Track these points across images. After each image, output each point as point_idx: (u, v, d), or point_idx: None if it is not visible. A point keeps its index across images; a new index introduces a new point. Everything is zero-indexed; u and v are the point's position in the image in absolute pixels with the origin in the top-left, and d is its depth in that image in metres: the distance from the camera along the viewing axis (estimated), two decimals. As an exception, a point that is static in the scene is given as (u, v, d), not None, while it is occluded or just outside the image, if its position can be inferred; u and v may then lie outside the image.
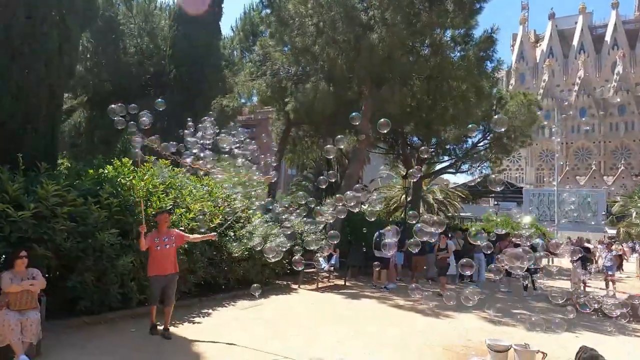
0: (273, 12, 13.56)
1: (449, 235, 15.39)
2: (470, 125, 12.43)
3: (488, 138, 23.42)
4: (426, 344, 6.56)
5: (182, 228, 7.60)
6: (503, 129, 6.75)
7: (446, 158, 25.63)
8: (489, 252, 12.33)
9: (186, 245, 7.53)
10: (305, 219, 7.82)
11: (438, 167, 26.88)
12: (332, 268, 11.78)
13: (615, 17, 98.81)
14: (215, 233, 7.38)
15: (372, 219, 6.81)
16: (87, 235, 6.59)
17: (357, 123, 8.60)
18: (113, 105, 6.64)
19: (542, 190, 65.26)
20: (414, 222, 13.43)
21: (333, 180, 15.29)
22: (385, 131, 10.14)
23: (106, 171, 7.86)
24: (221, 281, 9.05)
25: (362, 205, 6.31)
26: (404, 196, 22.95)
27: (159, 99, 8.97)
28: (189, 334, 6.40)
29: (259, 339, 6.28)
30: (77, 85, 18.56)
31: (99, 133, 18.24)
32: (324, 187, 11.72)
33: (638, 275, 18.35)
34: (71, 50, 8.72)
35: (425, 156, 21.63)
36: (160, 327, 6.31)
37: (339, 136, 7.84)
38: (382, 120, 5.77)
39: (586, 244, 17.59)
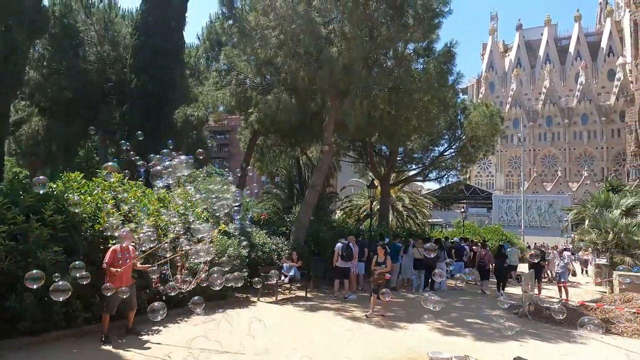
0: (235, 24, 13.58)
1: (412, 244, 15.60)
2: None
3: (454, 147, 24.05)
4: (373, 357, 6.65)
5: (134, 244, 7.51)
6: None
7: (414, 166, 26.19)
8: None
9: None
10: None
11: (407, 175, 27.39)
12: (288, 278, 11.75)
13: (578, 29, 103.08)
14: (151, 266, 7.17)
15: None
16: (28, 254, 6.42)
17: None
18: None
19: (511, 197, 67.25)
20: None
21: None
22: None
23: (54, 186, 7.67)
24: (175, 296, 8.90)
25: None
26: (373, 204, 23.13)
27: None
28: (132, 353, 6.30)
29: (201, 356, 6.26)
30: (35, 92, 18.01)
31: (59, 141, 17.73)
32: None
33: (594, 281, 19.06)
34: (18, 60, 8.54)
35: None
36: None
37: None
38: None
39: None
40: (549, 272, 18.36)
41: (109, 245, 7.37)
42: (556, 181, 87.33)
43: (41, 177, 5.74)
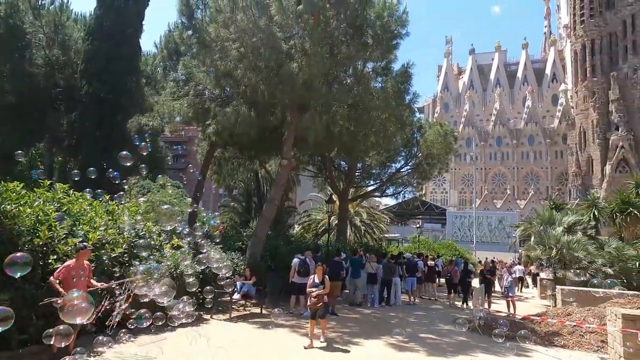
0: (195, 34, 13.37)
1: (368, 259, 15.62)
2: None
3: (410, 164, 24.70)
4: (328, 376, 6.57)
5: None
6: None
7: (372, 182, 26.62)
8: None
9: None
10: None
11: (365, 190, 27.77)
12: (241, 295, 11.47)
13: (525, 56, 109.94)
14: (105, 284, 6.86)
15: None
16: (-45, 271, 5.87)
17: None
18: None
19: (463, 213, 69.69)
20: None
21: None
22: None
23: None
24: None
25: None
26: (331, 219, 23.20)
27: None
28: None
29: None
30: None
31: (-1, 148, 16.57)
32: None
33: (539, 295, 19.93)
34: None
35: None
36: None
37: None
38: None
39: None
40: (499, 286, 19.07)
41: (49, 260, 6.95)
42: (505, 199, 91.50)
43: (19, 254, 4.64)
